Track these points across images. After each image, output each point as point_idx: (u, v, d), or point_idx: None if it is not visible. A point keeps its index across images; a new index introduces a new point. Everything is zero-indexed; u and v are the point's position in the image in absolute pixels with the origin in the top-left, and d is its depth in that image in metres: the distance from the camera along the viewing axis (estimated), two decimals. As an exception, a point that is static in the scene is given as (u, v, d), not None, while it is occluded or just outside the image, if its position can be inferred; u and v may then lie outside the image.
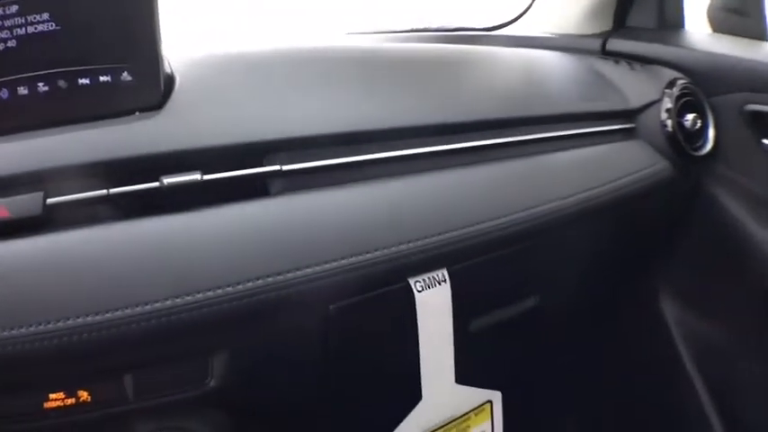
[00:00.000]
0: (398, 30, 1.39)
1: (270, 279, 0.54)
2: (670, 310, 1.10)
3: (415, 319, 0.63)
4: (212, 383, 0.56)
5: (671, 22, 1.13)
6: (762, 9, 1.07)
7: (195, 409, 0.60)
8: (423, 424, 0.68)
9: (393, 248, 0.61)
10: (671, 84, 0.98)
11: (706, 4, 1.11)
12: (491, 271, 0.72)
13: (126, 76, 0.54)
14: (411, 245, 0.62)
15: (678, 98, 0.97)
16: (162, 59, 0.57)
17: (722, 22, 1.09)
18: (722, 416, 1.06)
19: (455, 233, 0.65)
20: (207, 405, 0.59)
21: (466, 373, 0.72)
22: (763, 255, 0.95)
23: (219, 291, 0.52)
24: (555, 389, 1.15)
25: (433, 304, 0.64)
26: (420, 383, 0.66)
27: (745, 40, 1.06)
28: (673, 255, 1.08)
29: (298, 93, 0.69)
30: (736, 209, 0.99)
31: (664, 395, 1.13)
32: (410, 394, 0.67)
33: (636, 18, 1.13)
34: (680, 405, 1.10)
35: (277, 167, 0.61)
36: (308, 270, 0.56)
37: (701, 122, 0.99)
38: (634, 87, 0.99)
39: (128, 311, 0.49)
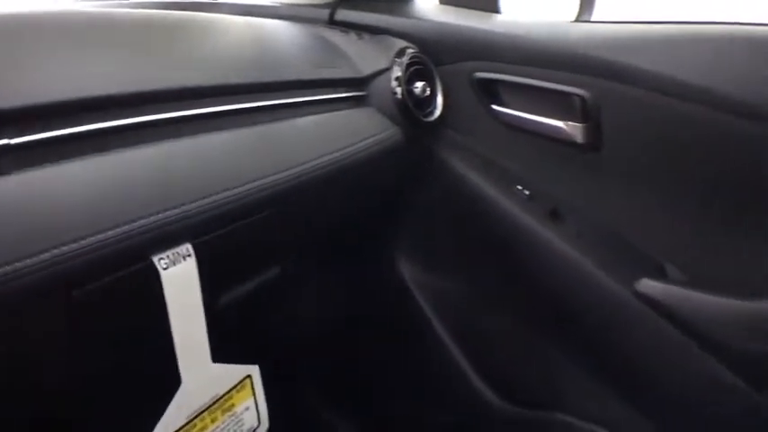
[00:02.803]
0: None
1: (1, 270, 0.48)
2: (409, 270, 1.15)
3: (164, 299, 0.59)
4: None
5: (399, -8, 1.16)
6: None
7: None
8: (187, 409, 0.65)
9: (133, 224, 0.57)
10: (400, 53, 1.01)
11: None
12: (235, 242, 0.71)
13: None
14: (151, 219, 0.58)
15: (408, 66, 1.00)
16: None
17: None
18: (475, 365, 1.13)
19: (194, 205, 0.62)
20: None
21: (221, 351, 0.69)
22: (495, 214, 1.02)
23: None
24: (305, 357, 1.17)
25: (180, 281, 0.61)
26: (178, 367, 0.63)
27: (476, 12, 1.11)
28: (408, 217, 1.13)
29: (26, 59, 0.62)
30: (467, 171, 1.05)
31: (414, 352, 1.18)
32: (169, 380, 0.64)
33: (364, -13, 1.15)
34: (431, 360, 1.16)
35: (5, 141, 0.54)
36: (45, 255, 0.51)
37: (431, 90, 1.03)
38: (364, 56, 1.01)
39: None
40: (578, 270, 0.97)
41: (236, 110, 0.76)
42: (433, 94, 1.05)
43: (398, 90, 0.98)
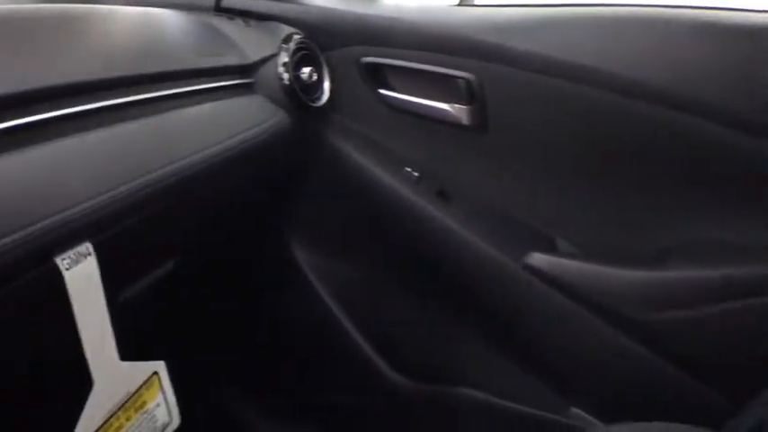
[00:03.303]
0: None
1: None
2: (304, 256, 1.15)
3: (69, 301, 0.57)
4: None
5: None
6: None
7: None
8: (102, 409, 0.63)
9: (35, 226, 0.54)
10: (287, 39, 1.01)
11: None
12: (130, 238, 0.69)
13: None
14: (52, 220, 0.56)
15: (295, 52, 1.00)
16: None
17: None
18: (376, 346, 1.15)
19: (91, 203, 0.60)
20: None
21: (127, 348, 0.68)
22: (385, 196, 1.05)
23: None
24: (209, 349, 1.15)
25: (84, 281, 0.59)
26: (89, 369, 0.61)
27: None
28: (300, 203, 1.14)
29: None
30: (356, 155, 1.06)
31: (315, 337, 1.20)
32: (81, 382, 0.62)
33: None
34: (332, 344, 1.18)
35: None
36: None
37: (318, 75, 1.04)
38: (250, 43, 1.00)
39: None
40: (469, 248, 1.01)
41: (122, 104, 0.73)
42: (321, 80, 1.05)
43: (285, 76, 0.98)
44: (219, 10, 1.08)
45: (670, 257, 0.92)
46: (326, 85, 1.06)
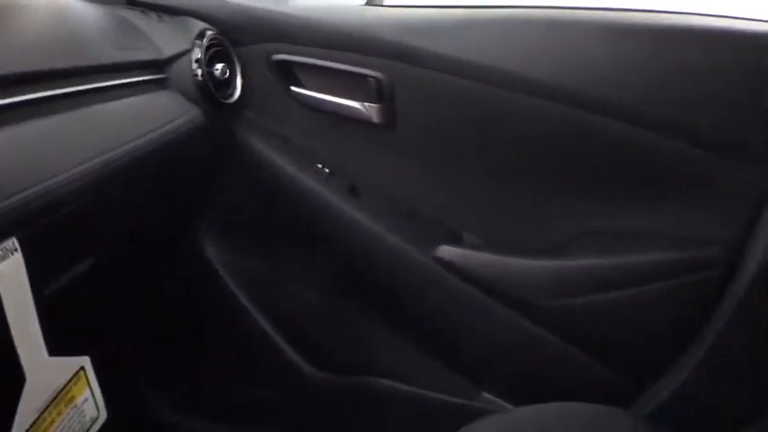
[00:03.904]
0: None
1: None
2: (217, 253, 1.16)
3: None
4: None
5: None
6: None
7: None
8: (34, 403, 0.63)
9: None
10: (200, 35, 1.01)
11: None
12: (51, 235, 0.68)
13: None
14: None
15: (207, 48, 1.00)
16: None
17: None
18: (289, 340, 1.17)
19: (15, 199, 0.60)
20: None
21: (55, 344, 0.67)
22: (297, 192, 1.07)
23: None
24: (131, 345, 1.14)
25: (12, 277, 0.59)
26: (21, 365, 0.60)
27: None
28: (214, 200, 1.15)
29: None
30: (268, 151, 1.08)
31: (228, 330, 1.21)
32: (15, 379, 0.61)
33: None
34: (247, 338, 1.19)
35: None
36: None
37: (230, 71, 1.04)
38: (164, 38, 0.99)
39: None
40: (379, 241, 1.05)
41: (36, 99, 0.72)
42: (233, 76, 1.06)
43: (199, 72, 0.98)
44: (133, 3, 1.07)
45: (570, 247, 0.98)
46: (238, 81, 1.07)
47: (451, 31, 0.98)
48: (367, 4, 1.18)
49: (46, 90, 0.74)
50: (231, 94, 1.06)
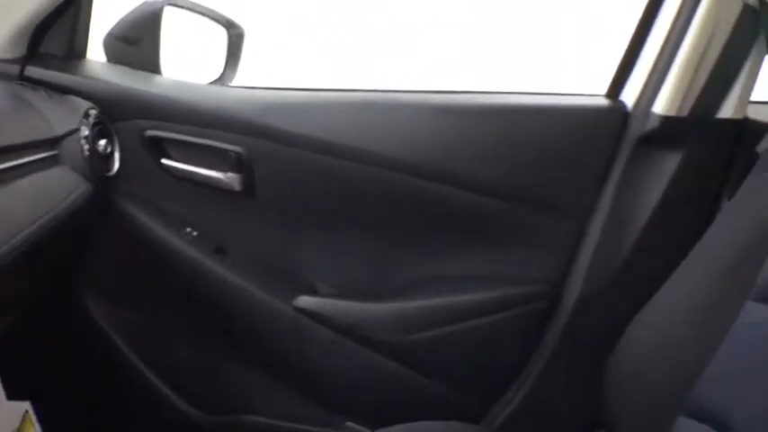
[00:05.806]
0: None
1: None
2: (97, 307, 1.24)
3: None
4: None
5: (78, 51, 1.22)
6: (156, 42, 1.24)
7: None
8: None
9: None
10: (86, 114, 1.09)
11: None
12: None
13: None
14: None
15: (93, 125, 1.09)
16: None
17: (117, 51, 1.24)
18: (171, 386, 1.27)
19: None
20: None
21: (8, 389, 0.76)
22: (168, 253, 1.18)
23: None
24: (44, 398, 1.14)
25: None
26: None
27: (142, 72, 1.23)
28: (94, 263, 1.22)
29: None
30: (143, 218, 1.18)
31: (113, 383, 1.28)
32: None
33: (49, 45, 1.17)
34: (131, 388, 1.27)
35: None
36: None
37: (111, 146, 1.14)
38: (55, 116, 1.04)
39: None
40: (244, 295, 1.19)
41: None
42: (113, 150, 1.15)
43: (86, 148, 1.06)
44: (24, 79, 1.11)
45: (414, 290, 1.18)
46: (117, 155, 1.16)
47: (303, 111, 1.14)
48: (215, 82, 1.30)
49: None
50: (111, 167, 1.15)
